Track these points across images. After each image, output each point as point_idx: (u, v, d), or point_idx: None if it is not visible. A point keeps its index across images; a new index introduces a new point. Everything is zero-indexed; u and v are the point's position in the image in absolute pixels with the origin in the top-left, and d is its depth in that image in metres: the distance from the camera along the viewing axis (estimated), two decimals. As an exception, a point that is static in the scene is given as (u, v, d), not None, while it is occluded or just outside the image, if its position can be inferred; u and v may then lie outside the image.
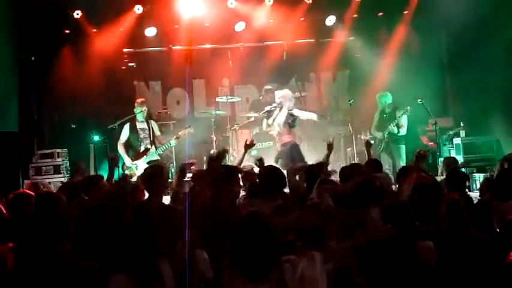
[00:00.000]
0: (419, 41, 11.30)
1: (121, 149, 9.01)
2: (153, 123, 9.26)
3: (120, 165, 9.05)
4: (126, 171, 8.86)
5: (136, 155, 9.00)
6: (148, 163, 8.66)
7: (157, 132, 9.26)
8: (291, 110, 8.95)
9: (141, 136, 9.08)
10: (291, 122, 8.90)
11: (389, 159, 9.57)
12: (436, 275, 3.48)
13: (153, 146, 9.09)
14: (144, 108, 9.15)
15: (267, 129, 9.39)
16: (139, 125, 9.11)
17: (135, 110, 9.11)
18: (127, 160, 8.92)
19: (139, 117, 9.07)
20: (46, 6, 10.28)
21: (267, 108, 9.20)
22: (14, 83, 10.22)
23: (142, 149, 9.02)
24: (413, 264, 3.40)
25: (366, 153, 6.94)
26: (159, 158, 9.08)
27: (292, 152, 8.61)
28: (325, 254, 3.27)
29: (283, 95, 9.01)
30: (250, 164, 6.71)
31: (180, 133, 9.06)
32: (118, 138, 9.08)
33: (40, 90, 11.04)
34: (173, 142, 9.03)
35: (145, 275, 3.00)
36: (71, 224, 3.52)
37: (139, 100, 9.41)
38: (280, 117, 8.86)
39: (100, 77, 10.78)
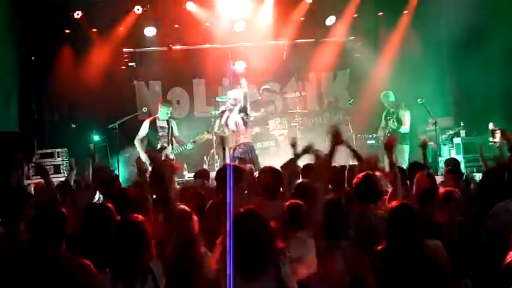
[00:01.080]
0: (419, 40, 11.29)
1: (138, 144, 9.05)
2: (173, 123, 9.31)
3: (135, 160, 9.15)
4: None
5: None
6: None
7: (176, 132, 9.31)
8: (246, 109, 8.71)
9: (160, 134, 9.13)
10: (247, 119, 8.71)
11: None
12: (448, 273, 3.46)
13: (170, 146, 9.13)
14: (172, 108, 9.35)
15: (218, 130, 9.27)
16: (159, 123, 9.16)
17: (161, 108, 9.14)
18: (142, 155, 8.92)
19: (164, 116, 9.11)
20: (46, 6, 10.28)
21: (222, 108, 9.10)
22: (14, 83, 10.22)
23: (159, 146, 9.05)
24: (425, 264, 3.36)
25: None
26: (174, 157, 9.10)
27: (252, 154, 8.52)
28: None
29: (236, 96, 8.79)
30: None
31: (197, 137, 9.10)
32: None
33: (40, 90, 11.04)
34: (190, 146, 9.11)
35: (138, 275, 3.01)
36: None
37: (164, 100, 9.54)
38: (233, 117, 8.67)
39: (100, 77, 10.78)
